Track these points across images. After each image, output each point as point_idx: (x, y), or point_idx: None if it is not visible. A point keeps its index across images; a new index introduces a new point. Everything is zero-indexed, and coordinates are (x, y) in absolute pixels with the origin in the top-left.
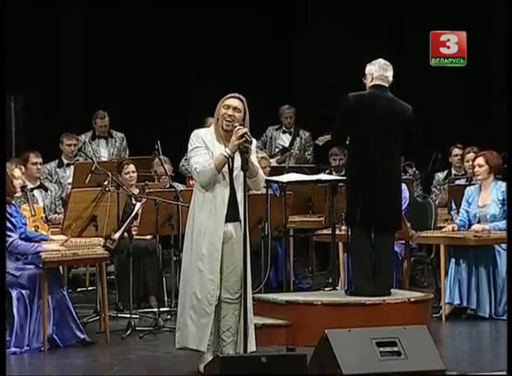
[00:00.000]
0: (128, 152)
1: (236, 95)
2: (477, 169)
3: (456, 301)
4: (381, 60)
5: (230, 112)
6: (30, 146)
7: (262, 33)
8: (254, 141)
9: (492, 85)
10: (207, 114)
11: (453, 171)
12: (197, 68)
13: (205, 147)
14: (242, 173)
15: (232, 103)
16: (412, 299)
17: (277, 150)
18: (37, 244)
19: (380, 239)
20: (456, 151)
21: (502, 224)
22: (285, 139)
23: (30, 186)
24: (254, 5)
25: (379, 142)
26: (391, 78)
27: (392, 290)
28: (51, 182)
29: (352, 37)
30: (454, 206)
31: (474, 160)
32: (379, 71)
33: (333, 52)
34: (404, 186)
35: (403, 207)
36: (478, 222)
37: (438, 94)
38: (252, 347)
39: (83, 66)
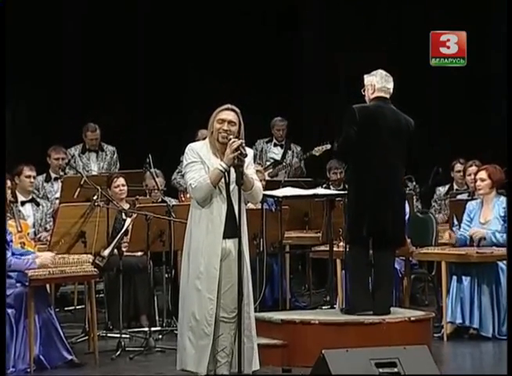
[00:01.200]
0: (118, 166)
1: (230, 107)
2: (478, 183)
3: (458, 321)
4: (382, 71)
5: (226, 127)
6: (30, 146)
7: (262, 33)
8: (251, 152)
9: (492, 85)
10: (207, 114)
11: (455, 187)
12: (197, 68)
13: (201, 162)
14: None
15: (227, 117)
16: (412, 318)
17: (268, 163)
18: (30, 260)
19: (381, 254)
20: (459, 166)
21: (501, 236)
22: (276, 152)
23: (22, 198)
24: (254, 5)
25: (386, 154)
26: (391, 90)
27: (392, 308)
28: (38, 196)
29: (352, 38)
30: (456, 222)
31: (475, 174)
32: (381, 82)
33: (333, 52)
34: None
35: None
36: (479, 240)
37: (438, 94)
38: (256, 366)
39: (83, 67)
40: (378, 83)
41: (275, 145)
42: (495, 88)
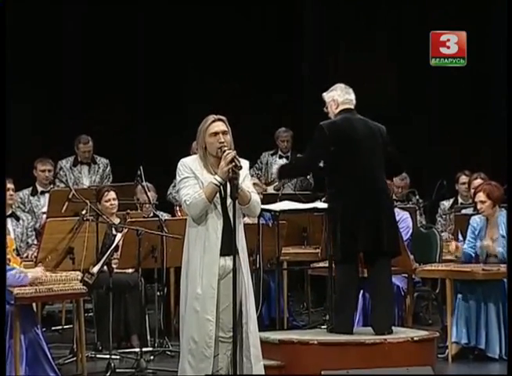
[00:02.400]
0: (111, 179)
1: (217, 117)
2: (480, 206)
3: (464, 341)
4: (340, 85)
5: (221, 139)
6: (29, 146)
7: (262, 33)
8: (247, 163)
9: (492, 85)
10: (206, 114)
11: (460, 200)
12: (197, 68)
13: (194, 177)
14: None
15: (219, 128)
16: (415, 338)
17: (274, 176)
18: (22, 274)
19: (377, 268)
20: (463, 178)
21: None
22: None
23: None
24: (254, 5)
25: (365, 165)
26: (354, 101)
27: (394, 328)
28: (23, 211)
29: (352, 38)
30: (461, 237)
31: (475, 195)
32: (342, 95)
33: (333, 52)
34: (406, 215)
35: (406, 238)
36: (486, 257)
37: (438, 94)
38: None
39: (83, 67)
40: (340, 96)
41: (280, 157)
42: (495, 88)
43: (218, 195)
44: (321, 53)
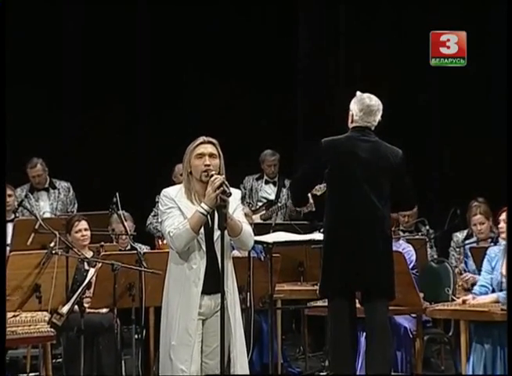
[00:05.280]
0: (76, 205)
1: (206, 139)
2: (501, 225)
3: None
4: (366, 100)
5: (207, 161)
6: (28, 146)
7: (261, 33)
8: (239, 192)
9: (492, 85)
10: (206, 114)
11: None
12: (197, 68)
13: (178, 208)
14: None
15: (206, 150)
16: None
17: (260, 204)
18: None
19: (371, 309)
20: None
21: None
22: (269, 191)
23: None
24: (254, 5)
25: (361, 193)
26: (375, 122)
27: (402, 375)
28: None
29: (352, 37)
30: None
31: (499, 215)
32: (360, 115)
33: (333, 51)
34: (409, 247)
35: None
36: (501, 290)
37: (438, 94)
38: None
39: (83, 67)
40: (357, 115)
41: (266, 182)
42: (495, 88)
43: (202, 229)
44: (320, 53)
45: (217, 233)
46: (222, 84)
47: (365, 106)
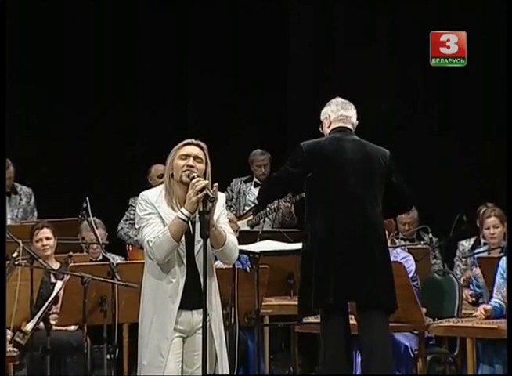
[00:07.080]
0: (36, 214)
1: (195, 141)
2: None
3: None
4: (338, 99)
5: (191, 162)
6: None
7: (260, 33)
8: (223, 196)
9: (492, 85)
10: (206, 114)
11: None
12: (197, 67)
13: (157, 214)
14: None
15: (192, 152)
16: None
17: (247, 208)
18: None
19: (367, 325)
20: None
21: None
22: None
23: None
24: (253, 4)
25: (352, 196)
26: (354, 119)
27: None
28: None
29: (352, 38)
30: (474, 285)
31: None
32: (336, 111)
33: (332, 52)
34: (408, 256)
35: None
36: None
37: (438, 94)
38: None
39: (83, 66)
40: (333, 112)
41: (255, 185)
42: (495, 88)
43: (183, 238)
44: (320, 53)
45: (199, 243)
46: (223, 84)
47: (339, 102)
